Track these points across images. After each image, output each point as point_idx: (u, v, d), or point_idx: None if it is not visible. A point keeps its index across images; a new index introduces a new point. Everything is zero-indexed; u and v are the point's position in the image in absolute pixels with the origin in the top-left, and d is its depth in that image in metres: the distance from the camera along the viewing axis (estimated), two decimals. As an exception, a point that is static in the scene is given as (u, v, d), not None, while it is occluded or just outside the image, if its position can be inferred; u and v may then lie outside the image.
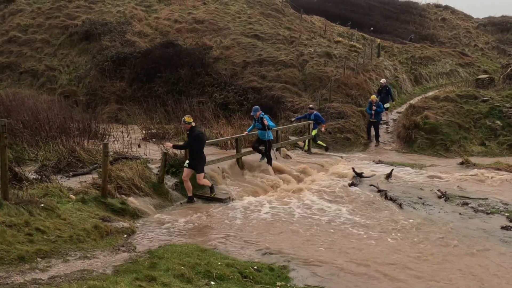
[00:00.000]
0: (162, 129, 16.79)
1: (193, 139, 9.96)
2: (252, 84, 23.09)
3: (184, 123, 10.05)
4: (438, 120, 18.60)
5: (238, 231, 8.51)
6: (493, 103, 19.62)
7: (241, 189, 11.32)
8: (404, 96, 25.63)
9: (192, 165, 10.15)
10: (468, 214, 10.28)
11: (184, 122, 10.04)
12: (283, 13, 32.69)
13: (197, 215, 9.33)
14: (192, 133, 9.99)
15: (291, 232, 8.66)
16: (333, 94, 21.66)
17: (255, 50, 25.99)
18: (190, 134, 10.03)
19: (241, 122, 18.42)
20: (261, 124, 12.52)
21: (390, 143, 18.89)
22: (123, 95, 23.65)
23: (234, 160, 12.60)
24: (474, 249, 8.12)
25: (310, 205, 10.59)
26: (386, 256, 7.62)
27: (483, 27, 47.32)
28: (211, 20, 29.24)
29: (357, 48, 28.40)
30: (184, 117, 10.14)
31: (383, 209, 10.45)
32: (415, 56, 31.52)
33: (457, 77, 31.06)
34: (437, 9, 50.68)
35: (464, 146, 17.75)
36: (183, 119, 10.13)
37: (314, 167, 14.06)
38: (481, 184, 13.16)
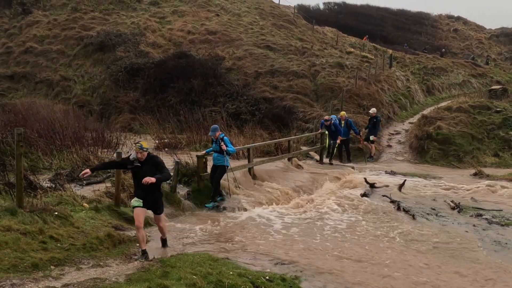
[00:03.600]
0: (174, 138, 16.90)
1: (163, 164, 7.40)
2: (264, 95, 23.16)
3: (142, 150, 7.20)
4: (451, 130, 18.48)
5: (249, 241, 8.51)
6: (506, 113, 19.45)
7: (252, 198, 11.33)
8: (416, 107, 25.51)
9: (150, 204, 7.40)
10: (482, 226, 10.18)
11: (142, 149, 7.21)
12: (295, 24, 32.84)
13: (209, 224, 9.35)
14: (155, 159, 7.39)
15: (303, 242, 8.64)
16: (345, 105, 21.64)
17: (267, 60, 26.11)
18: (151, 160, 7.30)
19: (253, 132, 18.50)
20: (219, 147, 10.74)
21: (402, 154, 18.80)
22: (136, 105, 23.86)
23: (246, 170, 12.63)
24: (490, 261, 8.03)
25: (322, 215, 10.55)
26: (399, 268, 7.56)
27: (495, 37, 47.08)
28: (224, 31, 29.48)
29: (369, 58, 28.39)
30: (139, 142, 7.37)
31: (396, 220, 10.39)
32: (427, 67, 31.41)
33: (470, 88, 30.89)
34: (449, 20, 50.60)
35: (477, 157, 17.59)
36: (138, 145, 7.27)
37: (327, 177, 14.03)
38: (494, 195, 13.03)
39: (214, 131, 10.86)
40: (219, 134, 10.83)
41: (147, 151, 7.32)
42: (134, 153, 7.31)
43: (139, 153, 7.21)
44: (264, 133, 18.91)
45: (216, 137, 10.79)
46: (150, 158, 7.33)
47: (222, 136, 10.88)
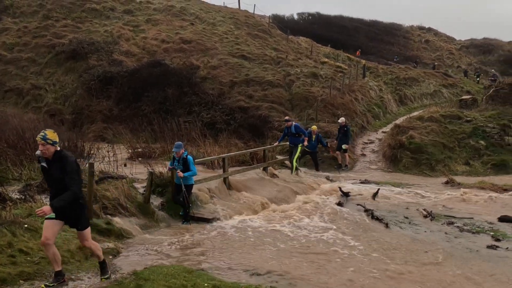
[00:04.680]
0: (148, 148, 16.71)
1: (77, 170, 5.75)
2: (239, 104, 23.19)
3: (43, 141, 5.52)
4: (423, 140, 18.85)
5: (225, 252, 8.42)
6: (476, 123, 19.97)
7: (228, 208, 11.25)
8: (389, 116, 25.96)
9: (67, 216, 5.90)
10: (454, 234, 10.31)
11: (44, 139, 5.53)
12: (270, 34, 33.10)
13: (183, 235, 9.23)
14: (64, 160, 5.65)
15: (278, 252, 8.59)
16: (320, 114, 21.85)
17: (242, 70, 26.20)
18: (61, 161, 5.63)
19: (228, 141, 18.46)
20: (182, 166, 9.95)
21: (376, 163, 19.05)
22: (109, 114, 23.56)
23: (221, 180, 12.55)
24: (461, 268, 8.14)
25: (297, 225, 10.54)
26: (374, 276, 7.59)
27: (465, 49, 48.50)
28: (199, 40, 29.48)
29: (343, 68, 28.81)
30: (44, 132, 5.60)
31: (370, 229, 10.45)
32: (400, 77, 32.10)
33: (441, 98, 31.68)
34: (420, 31, 51.92)
35: (448, 166, 17.97)
36: (41, 134, 5.59)
37: (301, 187, 14.07)
38: (466, 203, 13.26)
39: (178, 148, 9.98)
40: (183, 152, 10.01)
41: (53, 145, 5.54)
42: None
43: (40, 145, 5.48)
44: (239, 143, 18.90)
45: (180, 155, 9.95)
46: (59, 157, 5.59)
47: (186, 155, 10.07)
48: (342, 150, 18.34)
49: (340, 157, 18.46)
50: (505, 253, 9.04)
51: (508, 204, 12.95)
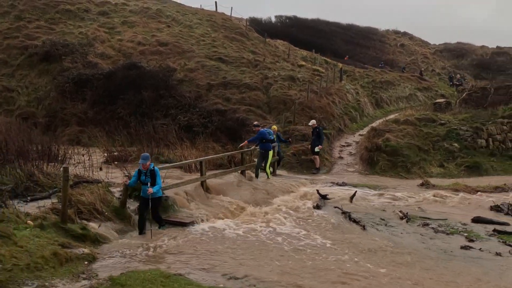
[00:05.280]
0: (124, 151, 16.49)
1: None
2: (216, 107, 23.10)
3: None
4: (399, 142, 19.11)
5: (202, 256, 8.35)
6: (450, 126, 20.37)
7: (206, 212, 11.18)
8: (366, 119, 26.26)
9: None
10: (429, 235, 10.46)
11: None
12: (247, 36, 33.10)
13: (160, 240, 9.12)
14: None
15: (256, 256, 8.57)
16: (297, 117, 21.94)
17: (220, 73, 26.13)
18: None
19: (205, 145, 18.36)
20: (150, 178, 9.43)
21: (353, 165, 19.22)
22: (84, 117, 23.17)
23: (198, 183, 12.47)
24: (435, 269, 8.25)
25: (275, 228, 10.53)
26: (352, 278, 7.63)
27: (439, 53, 49.50)
28: (175, 43, 29.28)
29: (320, 72, 29.01)
30: None
31: (347, 231, 10.52)
32: (376, 81, 32.51)
33: (416, 101, 32.22)
34: (396, 35, 52.78)
35: (424, 168, 18.26)
36: None
37: (279, 190, 14.09)
38: (440, 204, 13.49)
39: (145, 159, 9.40)
40: (149, 164, 9.44)
41: None
42: None
43: None
44: (217, 146, 18.83)
45: (147, 167, 9.40)
46: None
47: (153, 167, 9.52)
48: (315, 152, 18.35)
49: (318, 160, 18.55)
50: (479, 254, 9.22)
51: (481, 205, 13.22)
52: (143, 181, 9.48)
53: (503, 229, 10.88)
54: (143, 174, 9.47)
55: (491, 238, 10.34)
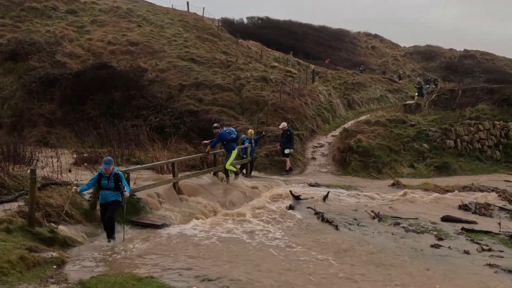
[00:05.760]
0: (94, 153, 16.14)
1: None
2: (188, 108, 22.90)
3: None
4: (370, 143, 19.35)
5: (174, 258, 8.24)
6: (420, 127, 20.77)
7: (178, 214, 11.03)
8: (338, 120, 26.50)
9: None
10: (400, 234, 10.61)
11: None
12: (219, 37, 32.97)
13: (132, 242, 8.94)
14: None
15: (229, 257, 8.51)
16: (270, 118, 21.95)
17: (192, 73, 25.92)
18: None
19: (178, 146, 18.16)
20: (113, 183, 8.87)
21: (326, 166, 19.35)
22: (52, 118, 22.60)
23: (170, 185, 12.31)
24: (405, 267, 8.35)
25: (248, 229, 10.49)
26: (326, 278, 7.65)
27: (409, 55, 50.50)
28: (146, 43, 28.88)
29: (293, 73, 29.12)
30: None
31: (320, 231, 10.55)
32: (348, 82, 32.86)
33: (387, 102, 32.73)
34: (367, 37, 53.60)
35: (394, 168, 18.54)
36: None
37: (253, 191, 14.04)
38: (410, 204, 13.70)
39: (108, 163, 8.82)
40: (113, 168, 8.92)
41: None
42: None
43: None
44: (189, 147, 18.64)
45: (110, 172, 8.84)
46: None
47: (116, 171, 8.96)
48: (285, 154, 18.28)
49: (288, 162, 18.50)
50: (448, 252, 9.41)
51: (450, 204, 13.50)
52: (104, 186, 8.90)
53: (471, 227, 11.16)
54: (105, 178, 8.89)
55: (459, 236, 10.56)
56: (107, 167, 8.79)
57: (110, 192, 8.89)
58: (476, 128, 21.48)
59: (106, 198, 8.92)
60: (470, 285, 7.64)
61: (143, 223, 10.13)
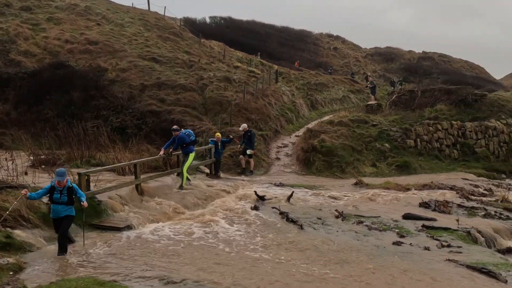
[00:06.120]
0: (52, 155, 15.61)
1: None
2: (150, 108, 22.52)
3: None
4: (334, 143, 19.57)
5: (138, 261, 8.05)
6: (381, 127, 21.17)
7: (141, 216, 10.79)
8: (301, 121, 26.68)
9: None
10: (363, 232, 10.73)
11: None
12: (182, 37, 32.60)
13: (94, 246, 8.67)
14: None
15: (193, 258, 8.39)
16: (234, 118, 21.85)
17: (153, 73, 25.50)
18: None
19: (140, 147, 17.81)
20: (67, 197, 8.16)
21: (290, 166, 19.42)
22: (6, 119, 21.76)
23: (133, 186, 12.02)
24: (369, 264, 8.43)
25: (212, 230, 10.38)
26: (288, 277, 7.62)
27: (370, 56, 51.52)
28: (106, 42, 28.21)
29: (256, 73, 29.12)
30: None
31: (285, 231, 10.54)
32: (311, 83, 33.15)
33: (349, 103, 33.22)
34: (329, 38, 54.30)
35: (357, 168, 18.81)
36: None
37: (217, 191, 13.90)
38: (373, 203, 13.92)
39: (62, 176, 8.10)
40: (67, 181, 8.18)
41: None
42: None
43: None
44: (152, 148, 18.30)
45: (63, 186, 8.10)
46: None
47: (70, 183, 8.28)
48: (247, 155, 18.20)
49: (243, 161, 18.34)
50: (409, 248, 9.59)
51: (410, 202, 13.80)
52: (56, 200, 8.14)
53: (430, 224, 11.42)
54: (58, 192, 8.12)
55: (420, 233, 10.79)
56: (60, 179, 8.06)
57: (62, 206, 8.14)
58: (434, 128, 22.07)
59: (58, 213, 8.21)
60: (431, 280, 7.78)
61: (104, 226, 9.86)
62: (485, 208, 13.30)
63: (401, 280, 7.70)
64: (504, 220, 12.38)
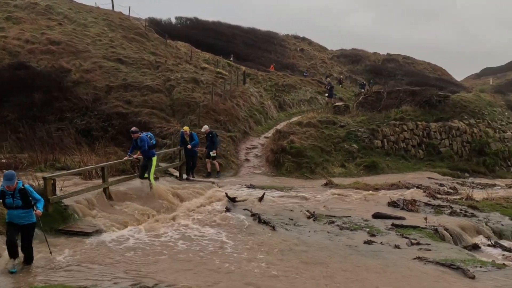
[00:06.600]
0: (14, 158, 15.06)
1: None
2: (117, 110, 22.02)
3: None
4: (303, 144, 19.68)
5: (108, 265, 7.84)
6: (349, 128, 21.45)
7: (110, 220, 10.50)
8: (270, 122, 26.72)
9: None
10: (335, 232, 10.79)
11: None
12: (147, 37, 32.08)
13: (61, 252, 8.37)
14: None
15: (165, 261, 8.25)
16: (202, 120, 21.64)
17: (119, 74, 24.96)
18: None
19: (106, 150, 17.41)
20: (21, 201, 7.53)
21: (260, 167, 19.38)
22: (-36, 122, 20.83)
23: (101, 190, 11.70)
24: (341, 264, 8.47)
25: (184, 232, 10.23)
26: (260, 279, 7.57)
27: (336, 58, 52.19)
28: (69, 42, 27.41)
29: (224, 74, 28.99)
30: None
31: (257, 233, 10.49)
32: (279, 84, 33.24)
33: (317, 104, 33.46)
34: (295, 40, 54.67)
35: (327, 168, 18.97)
36: None
37: (187, 194, 13.70)
38: (343, 203, 14.04)
39: (10, 179, 7.43)
40: (17, 183, 7.55)
41: None
42: None
43: None
44: (119, 150, 17.90)
45: (13, 189, 7.51)
46: None
47: (22, 185, 7.63)
48: (211, 157, 17.80)
49: (209, 165, 17.93)
50: (380, 247, 9.70)
51: (379, 202, 14.00)
52: (10, 205, 7.54)
53: (400, 223, 11.61)
54: (9, 196, 7.51)
55: (390, 232, 10.94)
56: (9, 183, 7.42)
57: (19, 211, 7.54)
58: (400, 129, 22.53)
59: (16, 219, 7.59)
60: (402, 278, 7.88)
61: (72, 231, 9.55)
62: (451, 206, 13.62)
63: (374, 279, 7.78)
64: (469, 218, 12.70)
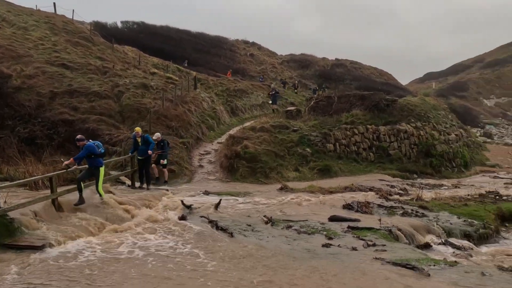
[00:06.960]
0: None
1: None
2: (62, 117, 21.12)
3: None
4: (257, 149, 19.64)
5: (59, 281, 7.41)
6: (302, 132, 21.63)
7: (60, 232, 9.96)
8: (223, 127, 26.52)
9: None
10: (293, 237, 10.79)
11: None
12: (93, 42, 31.10)
13: (7, 268, 7.82)
14: None
15: (121, 275, 7.88)
16: (153, 126, 21.15)
17: (64, 80, 24.00)
18: None
19: (52, 159, 16.64)
20: None
21: (214, 173, 19.15)
22: None
23: (49, 201, 11.10)
24: (300, 268, 8.44)
25: (140, 244, 9.86)
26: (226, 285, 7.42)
27: (286, 63, 52.80)
28: (8, 46, 26.08)
29: (174, 80, 28.55)
30: None
31: (215, 240, 10.31)
32: (230, 89, 33.14)
33: (269, 109, 33.64)
34: (245, 45, 54.86)
35: (281, 173, 19.01)
36: None
37: (141, 203, 13.28)
38: (299, 207, 14.09)
39: None
40: None
41: None
42: None
43: None
44: (66, 159, 17.13)
45: None
46: None
47: None
48: (161, 165, 17.33)
49: (156, 170, 17.43)
50: (338, 250, 9.78)
51: (334, 205, 14.16)
52: None
53: (355, 225, 11.77)
54: None
55: (346, 234, 11.06)
56: None
57: None
58: (352, 132, 22.99)
59: None
60: (362, 278, 7.95)
61: (19, 246, 8.96)
62: (403, 207, 13.97)
63: (334, 281, 7.80)
64: (420, 218, 13.07)
